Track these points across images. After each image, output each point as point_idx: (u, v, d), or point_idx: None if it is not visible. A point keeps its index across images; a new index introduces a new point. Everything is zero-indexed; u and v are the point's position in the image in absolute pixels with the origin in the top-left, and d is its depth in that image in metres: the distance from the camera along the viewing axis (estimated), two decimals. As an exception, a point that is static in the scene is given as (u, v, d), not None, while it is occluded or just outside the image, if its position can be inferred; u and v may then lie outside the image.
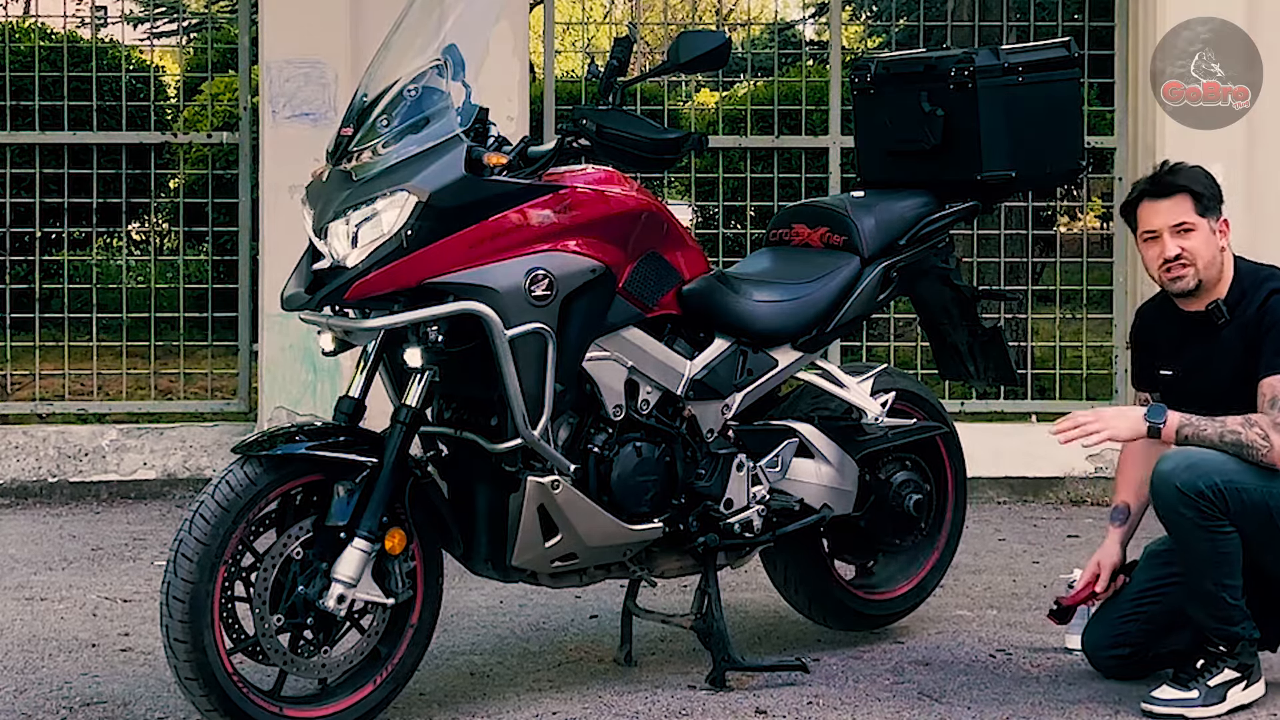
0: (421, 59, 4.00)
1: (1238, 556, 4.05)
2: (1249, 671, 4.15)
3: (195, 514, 3.75)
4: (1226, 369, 4.18)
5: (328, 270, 3.90)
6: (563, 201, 4.04)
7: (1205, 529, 4.02)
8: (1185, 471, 4.02)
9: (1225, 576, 4.06)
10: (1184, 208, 4.22)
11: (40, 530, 6.58)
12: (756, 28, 15.09)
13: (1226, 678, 4.12)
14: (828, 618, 4.86)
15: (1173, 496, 4.03)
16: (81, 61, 8.38)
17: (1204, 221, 4.23)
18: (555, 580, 4.23)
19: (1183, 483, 4.02)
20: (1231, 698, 4.13)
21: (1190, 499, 4.01)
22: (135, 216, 9.63)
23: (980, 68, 4.68)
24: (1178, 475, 4.03)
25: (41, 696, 4.27)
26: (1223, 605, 4.08)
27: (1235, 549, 4.05)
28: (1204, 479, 4.01)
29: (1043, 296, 8.64)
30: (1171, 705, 4.10)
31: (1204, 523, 4.02)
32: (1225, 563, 4.05)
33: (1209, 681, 4.12)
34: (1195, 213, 4.22)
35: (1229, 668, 4.12)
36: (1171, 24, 7.32)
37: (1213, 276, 4.25)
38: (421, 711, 4.15)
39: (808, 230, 4.76)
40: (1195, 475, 4.01)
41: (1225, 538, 4.03)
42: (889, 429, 4.73)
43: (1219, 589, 4.07)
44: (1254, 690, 4.17)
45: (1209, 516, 4.01)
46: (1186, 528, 4.04)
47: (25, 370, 8.04)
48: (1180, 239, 4.22)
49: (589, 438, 4.17)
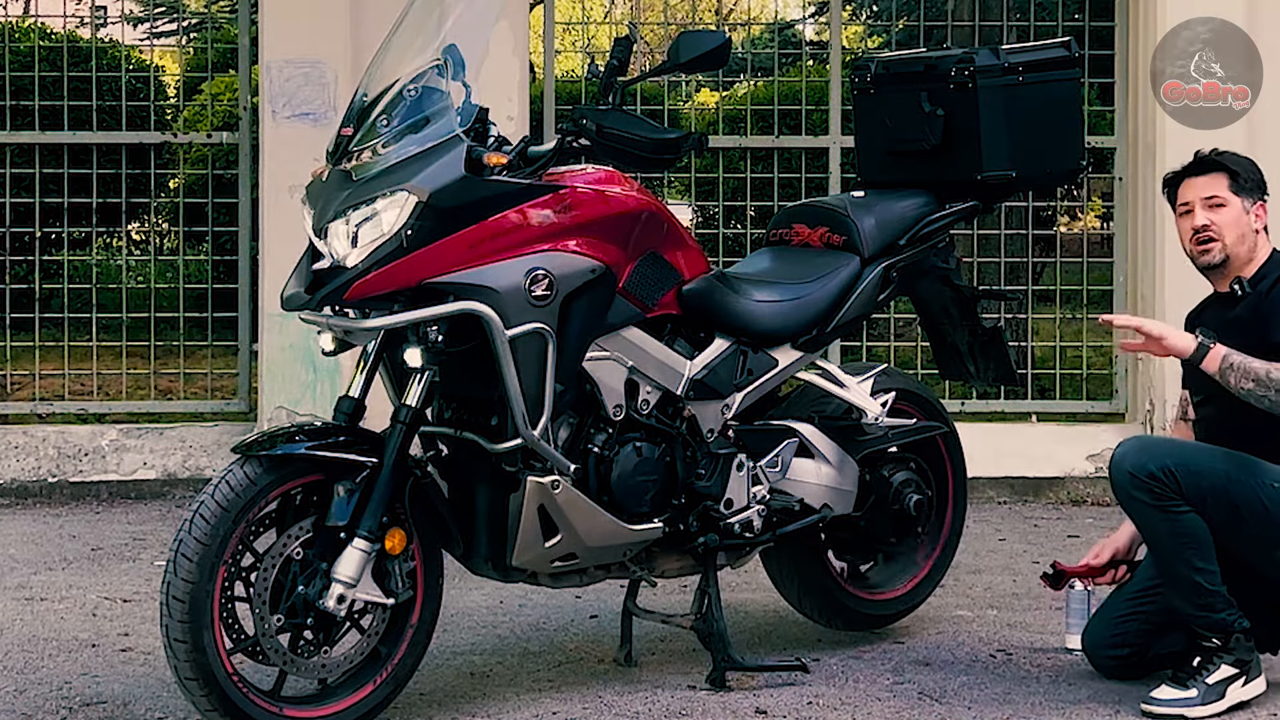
0: (421, 59, 4.01)
1: (1204, 538, 4.06)
2: (1246, 667, 4.15)
3: (195, 514, 3.75)
4: (1235, 341, 4.19)
5: (328, 270, 3.90)
6: (563, 201, 4.04)
7: (1160, 509, 4.04)
8: (1136, 454, 4.07)
9: (1196, 559, 4.06)
10: (1219, 184, 4.31)
11: (40, 530, 6.58)
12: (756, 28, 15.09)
13: (1225, 674, 4.12)
14: (828, 618, 4.86)
15: (1125, 480, 4.07)
16: (81, 61, 8.38)
17: (1237, 200, 4.30)
18: (555, 580, 4.23)
19: (1133, 465, 4.05)
20: (1231, 694, 4.13)
21: (1142, 481, 4.04)
22: (135, 216, 9.64)
23: (980, 68, 4.68)
24: (1128, 459, 4.07)
25: (41, 696, 4.27)
26: (1200, 590, 4.08)
27: (1197, 529, 4.05)
28: (1154, 460, 4.04)
29: (1043, 296, 8.64)
30: (1171, 705, 4.10)
31: (1157, 503, 4.04)
32: (1191, 544, 4.05)
33: (1207, 679, 4.11)
34: (1229, 189, 4.31)
35: (1226, 664, 4.12)
36: (1171, 24, 7.32)
37: (1241, 254, 4.29)
38: (421, 711, 4.15)
39: (808, 230, 4.76)
40: (1146, 457, 4.05)
41: (1182, 516, 4.04)
42: (889, 429, 4.73)
43: (1192, 572, 4.07)
44: (1254, 687, 4.16)
45: (1162, 497, 4.03)
46: (1142, 510, 4.07)
47: (25, 370, 8.04)
48: (1210, 212, 4.30)
49: (589, 438, 4.17)
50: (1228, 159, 4.36)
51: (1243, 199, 4.31)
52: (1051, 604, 5.26)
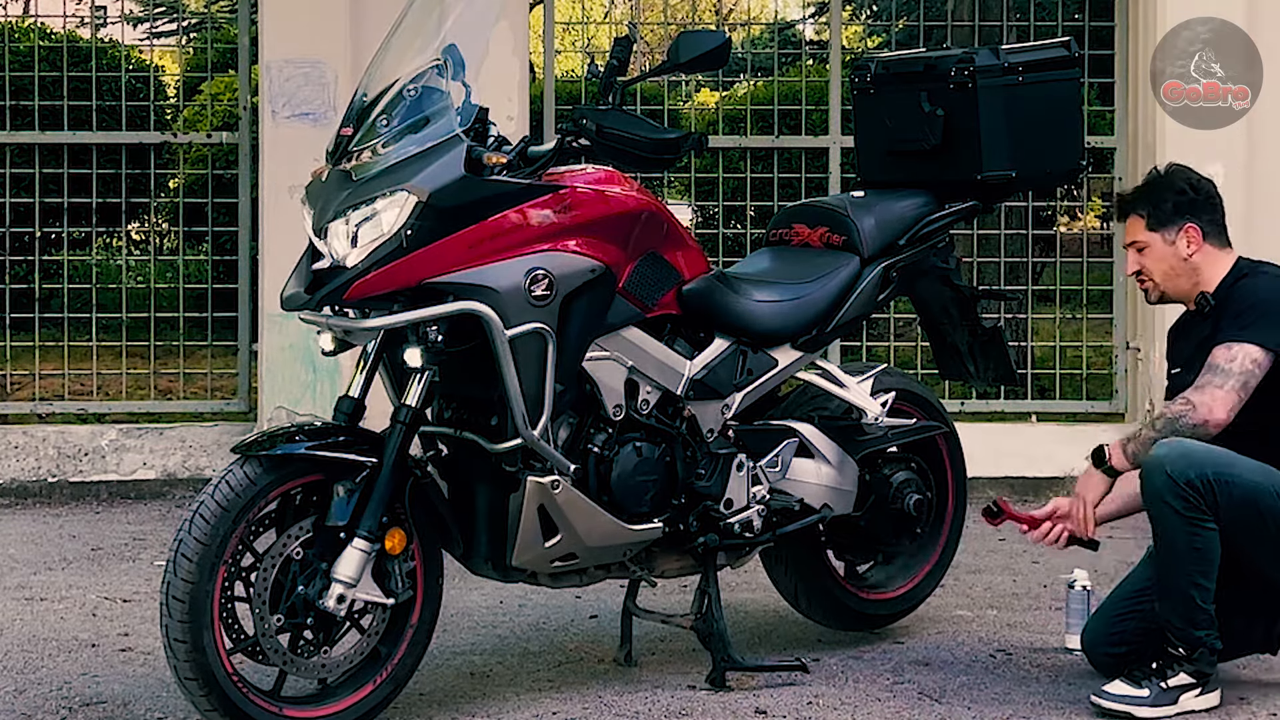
0: (421, 59, 4.00)
1: (1214, 556, 4.03)
2: (1205, 680, 4.12)
3: (195, 514, 3.75)
4: (1203, 357, 4.19)
5: (327, 270, 3.90)
6: (563, 201, 4.04)
7: (1187, 520, 4.01)
8: (1178, 459, 4.02)
9: (1199, 575, 4.04)
10: (1136, 227, 4.34)
11: (40, 530, 6.57)
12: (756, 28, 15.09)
13: (1181, 682, 4.10)
14: (827, 618, 4.86)
15: (1162, 482, 4.02)
16: (81, 61, 8.38)
17: (1156, 235, 4.29)
18: (555, 580, 4.23)
19: (1174, 469, 4.01)
20: (1184, 702, 4.10)
21: (1179, 488, 4.00)
22: (135, 216, 9.63)
23: (980, 68, 4.68)
24: (1170, 461, 4.02)
25: (41, 696, 4.27)
26: (1192, 606, 4.06)
27: (1212, 547, 4.03)
28: (1195, 468, 4.00)
29: (1043, 296, 8.64)
30: (1120, 701, 4.10)
31: (1188, 513, 4.01)
32: (1200, 560, 4.03)
33: (1162, 683, 4.10)
34: (1145, 230, 4.31)
35: (1185, 672, 4.10)
36: (1171, 24, 7.32)
37: (1181, 285, 4.31)
38: (421, 711, 4.15)
39: (808, 230, 4.76)
40: (1187, 464, 4.01)
41: (1204, 534, 4.01)
42: (889, 429, 4.73)
43: (1190, 587, 4.05)
44: (1208, 699, 4.14)
45: (1193, 508, 4.00)
46: (1169, 518, 4.03)
47: (25, 370, 8.04)
48: (1136, 256, 4.36)
49: (589, 438, 4.17)
50: (1138, 198, 4.35)
51: (1163, 233, 4.29)
52: (1051, 604, 5.26)
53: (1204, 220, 4.30)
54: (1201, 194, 4.33)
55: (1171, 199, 4.31)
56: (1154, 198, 4.33)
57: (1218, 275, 4.28)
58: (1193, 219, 4.29)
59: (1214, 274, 4.28)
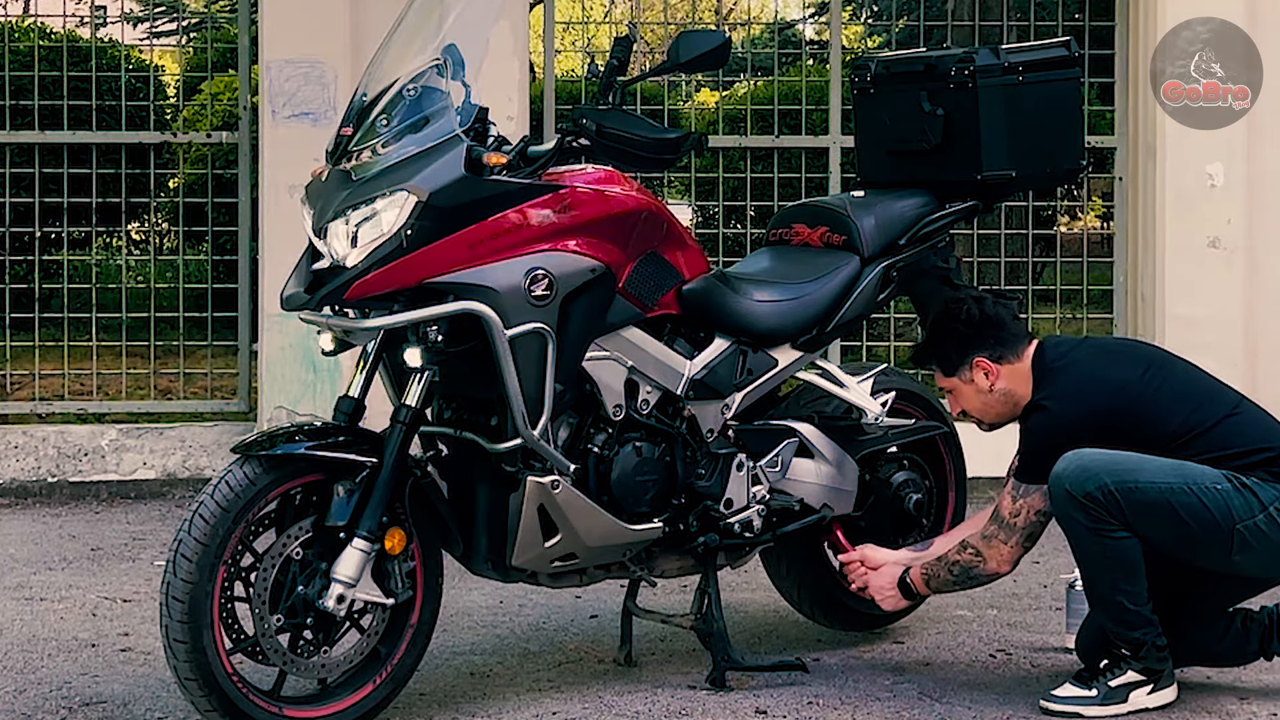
0: (421, 59, 4.00)
1: (1133, 561, 4.02)
2: (1157, 676, 4.12)
3: (195, 514, 3.75)
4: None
5: (327, 270, 3.90)
6: (562, 201, 4.04)
7: (1094, 531, 4.01)
8: (1075, 474, 4.01)
9: (1121, 581, 4.03)
10: (938, 376, 4.37)
11: (40, 530, 6.57)
12: (756, 27, 15.11)
13: (1129, 680, 4.10)
14: (828, 618, 4.86)
15: (1062, 498, 4.03)
16: (81, 61, 8.38)
17: (955, 381, 4.31)
18: (555, 580, 4.23)
19: (1072, 485, 4.01)
20: (1135, 699, 4.11)
21: (1079, 502, 4.00)
22: (135, 216, 9.63)
23: (980, 67, 4.68)
24: (1067, 478, 4.02)
25: (41, 696, 4.27)
26: (1121, 610, 4.06)
27: (1127, 553, 4.01)
28: (1093, 480, 3.99)
29: (1043, 296, 8.64)
30: (1068, 703, 4.11)
31: (1093, 525, 4.00)
32: (1118, 567, 4.02)
33: (1110, 682, 4.10)
34: (944, 376, 4.33)
35: (1133, 670, 4.10)
36: (1171, 24, 7.32)
37: (1002, 413, 4.31)
38: (421, 711, 4.14)
39: (808, 230, 4.76)
40: (1085, 478, 4.00)
41: (1116, 542, 4.00)
42: (889, 429, 4.73)
43: (1114, 593, 4.05)
44: (1162, 695, 4.13)
45: (1098, 520, 3.99)
46: (1077, 530, 4.04)
47: (25, 370, 8.04)
48: (951, 400, 4.40)
49: (589, 438, 4.17)
50: (925, 352, 4.37)
51: (959, 376, 4.29)
52: (1051, 604, 5.27)
53: (989, 346, 4.24)
54: (975, 322, 4.26)
55: (951, 342, 4.29)
56: (937, 347, 4.33)
57: (1030, 388, 4.25)
58: (977, 352, 4.25)
59: (1026, 389, 4.25)
